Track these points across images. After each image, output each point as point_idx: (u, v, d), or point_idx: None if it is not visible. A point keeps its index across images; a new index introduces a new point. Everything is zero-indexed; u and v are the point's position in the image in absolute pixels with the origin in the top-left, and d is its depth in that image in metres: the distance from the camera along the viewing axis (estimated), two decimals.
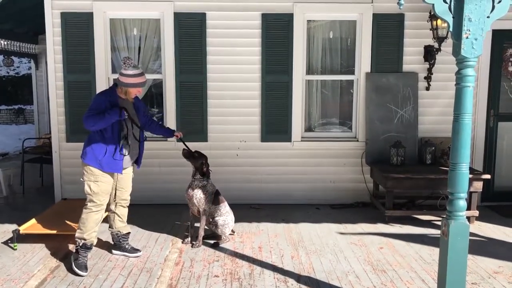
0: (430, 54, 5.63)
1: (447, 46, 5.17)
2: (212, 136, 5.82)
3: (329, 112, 6.11)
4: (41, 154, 6.95)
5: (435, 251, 4.15)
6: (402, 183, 5.10)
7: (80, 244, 3.92)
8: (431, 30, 5.45)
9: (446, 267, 2.94)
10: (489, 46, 5.67)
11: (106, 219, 4.33)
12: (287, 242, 4.60)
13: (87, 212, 3.93)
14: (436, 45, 5.53)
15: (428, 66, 5.71)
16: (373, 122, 5.73)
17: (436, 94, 5.76)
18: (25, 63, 16.90)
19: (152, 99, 6.05)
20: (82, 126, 3.85)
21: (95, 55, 5.62)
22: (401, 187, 5.15)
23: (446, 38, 5.36)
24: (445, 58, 5.50)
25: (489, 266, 4.04)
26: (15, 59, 15.07)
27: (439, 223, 4.90)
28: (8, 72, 17.38)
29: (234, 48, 5.69)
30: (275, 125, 5.80)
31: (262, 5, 5.62)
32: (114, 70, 5.81)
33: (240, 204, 5.46)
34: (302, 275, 3.84)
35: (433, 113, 5.79)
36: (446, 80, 5.63)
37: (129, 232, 4.33)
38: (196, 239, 4.48)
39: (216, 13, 5.62)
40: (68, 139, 5.73)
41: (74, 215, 4.41)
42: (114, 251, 4.28)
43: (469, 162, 2.92)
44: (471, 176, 3.88)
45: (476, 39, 2.76)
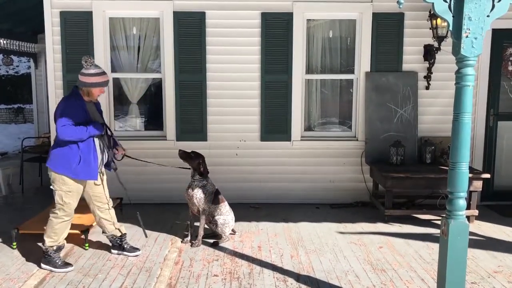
0: (430, 53, 5.63)
1: (447, 45, 5.17)
2: (211, 135, 5.81)
3: (328, 111, 6.11)
4: (40, 153, 6.93)
5: (435, 250, 4.16)
6: (401, 183, 5.10)
7: (55, 248, 3.88)
8: (431, 29, 5.45)
9: (446, 267, 2.94)
10: (489, 45, 5.67)
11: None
12: (287, 242, 4.59)
13: (59, 222, 3.83)
14: (436, 44, 5.52)
15: (428, 65, 5.71)
16: (372, 122, 5.73)
17: (435, 93, 5.76)
18: (24, 62, 16.89)
19: (152, 99, 6.03)
20: None
21: (94, 54, 5.60)
22: (400, 186, 5.15)
23: (446, 37, 5.36)
24: (445, 57, 5.49)
25: (488, 266, 4.04)
26: (15, 58, 15.07)
27: (439, 222, 4.92)
28: (7, 72, 17.38)
29: (234, 47, 5.68)
30: (275, 124, 5.80)
31: (261, 4, 5.61)
32: (114, 69, 5.81)
33: (239, 203, 5.45)
34: (301, 274, 3.84)
35: (432, 112, 5.79)
36: (445, 79, 5.62)
37: (125, 234, 4.26)
38: (195, 238, 4.48)
39: (216, 12, 5.62)
40: None
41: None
42: (113, 251, 4.27)
43: (468, 161, 2.91)
44: (470, 175, 3.88)
45: (476, 38, 2.76)
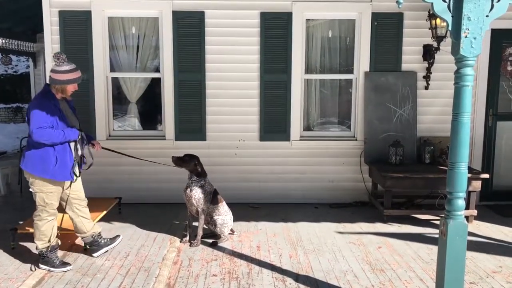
0: (429, 53, 5.62)
1: (446, 45, 5.16)
2: (210, 135, 5.81)
3: (328, 111, 6.10)
4: None
5: (434, 250, 4.16)
6: (400, 183, 5.10)
7: (49, 249, 3.86)
8: (430, 29, 5.44)
9: (445, 267, 2.94)
10: (488, 45, 5.67)
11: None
12: (286, 242, 4.59)
13: (44, 223, 3.81)
14: (435, 44, 5.52)
15: (427, 65, 5.70)
16: (372, 122, 5.73)
17: (435, 93, 5.76)
18: (23, 61, 16.88)
19: (151, 98, 6.02)
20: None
21: (93, 54, 5.60)
22: (399, 186, 5.14)
23: (445, 37, 5.36)
24: (444, 57, 5.50)
25: (487, 266, 4.04)
26: (13, 57, 15.07)
27: (438, 222, 4.92)
28: (6, 71, 17.36)
29: (233, 47, 5.68)
30: (274, 124, 5.79)
31: (261, 3, 5.60)
32: (113, 69, 5.80)
33: (238, 203, 5.45)
34: (300, 274, 3.84)
35: (432, 112, 5.79)
36: (445, 79, 5.62)
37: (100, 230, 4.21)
38: (194, 238, 4.48)
39: (215, 11, 5.61)
40: None
41: None
42: (94, 254, 4.11)
43: (467, 161, 2.91)
44: (469, 175, 3.89)
45: (475, 38, 2.76)
